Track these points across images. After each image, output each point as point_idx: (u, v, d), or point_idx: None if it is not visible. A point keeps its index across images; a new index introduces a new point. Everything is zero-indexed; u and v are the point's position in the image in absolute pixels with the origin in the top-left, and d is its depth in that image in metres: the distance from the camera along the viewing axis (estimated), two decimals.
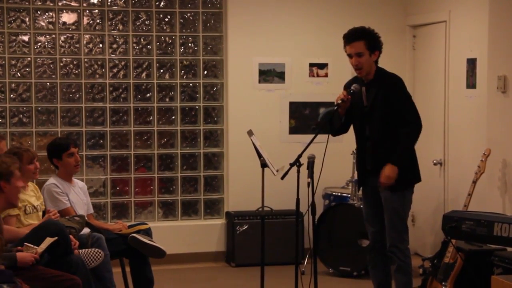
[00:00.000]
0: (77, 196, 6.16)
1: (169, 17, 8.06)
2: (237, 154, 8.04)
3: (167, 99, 8.10)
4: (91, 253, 5.45)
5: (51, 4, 7.75)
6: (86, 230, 5.82)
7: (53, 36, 7.77)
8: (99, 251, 5.51)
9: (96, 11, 7.88)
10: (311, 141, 5.35)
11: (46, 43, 7.77)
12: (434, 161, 7.64)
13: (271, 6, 8.11)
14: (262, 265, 5.88)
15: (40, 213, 5.78)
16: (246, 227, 7.84)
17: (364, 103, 5.60)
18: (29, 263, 4.92)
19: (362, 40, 5.52)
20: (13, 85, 7.70)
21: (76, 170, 6.21)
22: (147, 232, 6.19)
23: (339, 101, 5.50)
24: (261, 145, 5.94)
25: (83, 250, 5.46)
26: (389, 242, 5.62)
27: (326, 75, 8.21)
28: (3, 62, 7.63)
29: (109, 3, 7.87)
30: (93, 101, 7.91)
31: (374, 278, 5.85)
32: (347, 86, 5.71)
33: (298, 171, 5.40)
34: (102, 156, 7.96)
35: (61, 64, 7.80)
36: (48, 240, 5.07)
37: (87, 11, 7.85)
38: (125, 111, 7.99)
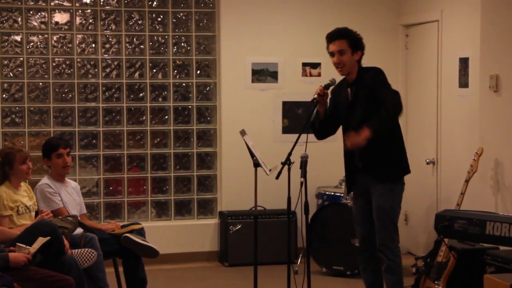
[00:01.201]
0: (69, 196, 6.15)
1: (162, 16, 8.06)
2: (230, 153, 8.04)
3: (160, 99, 8.09)
4: (84, 253, 5.44)
5: (44, 4, 7.74)
6: (79, 230, 5.81)
7: (46, 36, 7.75)
8: (92, 251, 5.50)
9: (89, 11, 7.87)
10: (297, 140, 5.35)
11: (38, 43, 7.75)
12: (427, 160, 7.65)
13: (264, 5, 8.12)
14: (255, 265, 5.89)
15: (33, 213, 5.77)
16: (239, 226, 7.84)
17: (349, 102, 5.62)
18: (22, 264, 4.92)
19: (344, 39, 5.56)
20: (5, 85, 7.69)
21: (65, 171, 6.14)
22: (140, 232, 6.18)
23: (315, 96, 5.52)
24: (253, 145, 5.94)
25: (76, 250, 5.45)
26: (379, 242, 5.60)
27: (319, 75, 8.22)
28: None
29: (101, 3, 7.86)
30: (86, 101, 7.90)
31: (365, 279, 5.83)
32: (333, 92, 5.74)
33: (289, 170, 5.41)
34: (95, 156, 7.95)
35: (54, 64, 7.79)
36: (41, 240, 5.06)
37: (80, 11, 7.84)
38: (118, 111, 7.98)
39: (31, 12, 7.73)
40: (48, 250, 5.11)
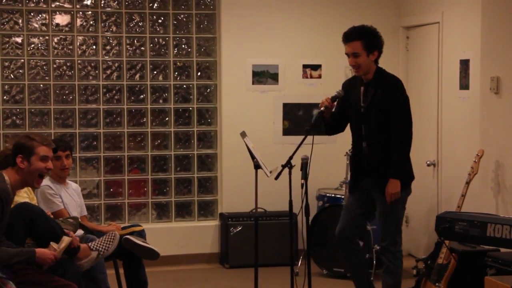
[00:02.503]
0: (70, 197, 6.14)
1: (162, 18, 8.06)
2: (230, 155, 8.04)
3: (160, 101, 8.09)
4: (105, 239, 5.25)
5: (44, 6, 7.74)
6: (79, 232, 5.80)
7: (47, 37, 7.76)
8: (113, 233, 5.31)
9: (90, 12, 7.88)
10: (301, 143, 5.35)
11: (39, 45, 7.76)
12: (428, 162, 7.65)
13: (264, 7, 8.12)
14: (256, 267, 5.88)
15: None
16: (239, 228, 7.84)
17: (361, 103, 5.59)
18: (48, 261, 4.70)
19: (359, 40, 5.47)
20: (6, 86, 7.69)
21: (63, 174, 6.11)
22: (141, 234, 6.17)
23: (322, 108, 5.51)
24: (254, 147, 5.93)
25: (96, 241, 5.25)
26: (382, 244, 5.62)
27: (319, 77, 8.22)
28: None
29: (102, 5, 7.87)
30: (86, 103, 7.90)
31: (349, 270, 5.84)
32: (344, 85, 5.73)
33: (290, 173, 5.40)
34: (96, 157, 7.95)
35: (55, 65, 7.79)
36: (67, 240, 4.83)
37: (80, 12, 7.85)
38: (119, 113, 7.99)
39: (32, 14, 7.73)
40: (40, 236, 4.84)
